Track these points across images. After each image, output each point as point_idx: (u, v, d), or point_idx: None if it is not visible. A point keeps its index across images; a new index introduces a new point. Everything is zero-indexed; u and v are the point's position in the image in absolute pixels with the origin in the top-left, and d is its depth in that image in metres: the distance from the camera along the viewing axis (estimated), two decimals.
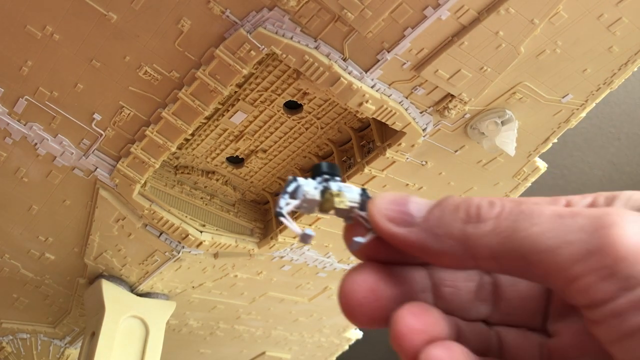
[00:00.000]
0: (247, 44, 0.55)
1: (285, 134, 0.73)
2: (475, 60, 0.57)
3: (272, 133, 0.73)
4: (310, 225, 0.79)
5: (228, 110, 0.69)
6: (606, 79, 0.65)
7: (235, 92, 0.66)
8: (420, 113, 0.64)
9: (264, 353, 1.17)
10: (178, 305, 0.92)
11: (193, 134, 0.73)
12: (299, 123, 0.72)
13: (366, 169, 0.69)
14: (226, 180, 0.82)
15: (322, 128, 0.73)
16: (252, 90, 0.66)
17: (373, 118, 0.63)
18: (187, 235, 0.76)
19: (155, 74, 0.59)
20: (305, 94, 0.67)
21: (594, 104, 0.68)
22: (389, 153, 0.67)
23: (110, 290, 0.84)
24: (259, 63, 0.61)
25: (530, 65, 0.60)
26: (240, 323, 1.05)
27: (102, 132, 0.65)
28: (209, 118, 0.70)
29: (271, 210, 0.83)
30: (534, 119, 0.68)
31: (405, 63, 0.58)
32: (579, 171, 1.47)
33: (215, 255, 0.83)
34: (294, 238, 0.81)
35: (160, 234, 0.78)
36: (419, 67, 0.58)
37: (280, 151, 0.76)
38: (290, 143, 0.75)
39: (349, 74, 0.58)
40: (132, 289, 0.88)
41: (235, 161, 0.80)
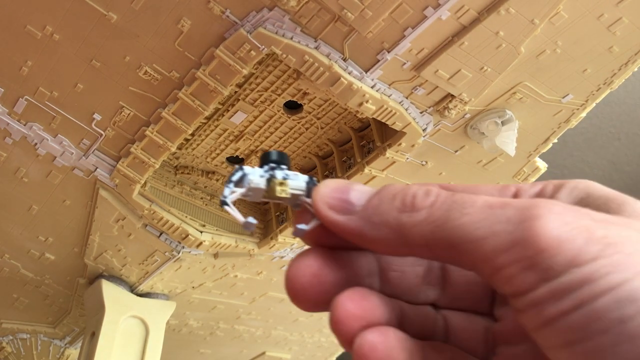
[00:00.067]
0: (247, 44, 0.55)
1: (285, 134, 0.73)
2: (476, 60, 0.57)
3: (272, 133, 0.73)
4: None
5: (228, 110, 0.69)
6: (606, 79, 0.65)
7: (235, 92, 0.66)
8: (421, 113, 0.64)
9: (264, 353, 1.17)
10: (178, 305, 0.92)
11: (193, 134, 0.73)
12: (299, 123, 0.72)
13: (366, 169, 0.69)
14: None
15: (322, 128, 0.73)
16: (252, 90, 0.66)
17: (373, 118, 0.63)
18: (187, 236, 0.76)
19: (155, 74, 0.59)
20: (305, 94, 0.67)
21: (594, 104, 0.68)
22: (389, 153, 0.67)
23: (110, 291, 0.84)
24: (259, 63, 0.61)
25: (530, 65, 0.60)
26: (240, 323, 1.05)
27: (102, 132, 0.65)
28: (209, 118, 0.70)
29: (271, 210, 0.83)
30: (534, 119, 0.68)
31: (405, 63, 0.58)
32: (579, 171, 1.47)
33: (215, 256, 0.83)
34: (294, 238, 0.81)
35: (160, 234, 0.78)
36: (419, 67, 0.58)
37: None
38: (291, 143, 0.75)
39: (349, 74, 0.58)
40: (132, 289, 0.88)
41: (236, 161, 0.80)
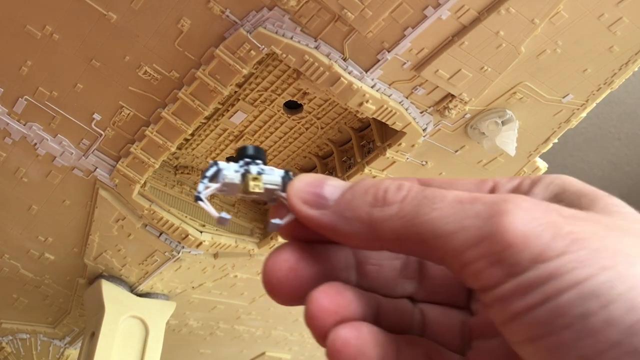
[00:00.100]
0: (247, 43, 0.55)
1: (285, 134, 0.73)
2: (476, 60, 0.57)
3: (272, 133, 0.73)
4: None
5: (228, 110, 0.69)
6: (607, 79, 0.65)
7: (235, 92, 0.66)
8: (421, 113, 0.64)
9: (264, 353, 1.17)
10: (178, 305, 0.92)
11: (193, 134, 0.73)
12: (299, 123, 0.72)
13: (366, 169, 0.69)
14: None
15: (322, 128, 0.73)
16: (252, 90, 0.66)
17: (373, 118, 0.63)
18: (187, 236, 0.76)
19: (155, 73, 0.59)
20: (305, 93, 0.67)
21: (594, 104, 0.68)
22: (389, 153, 0.67)
23: (110, 291, 0.84)
24: (259, 63, 0.61)
25: (530, 65, 0.60)
26: (240, 323, 1.05)
27: (102, 132, 0.65)
28: (208, 118, 0.70)
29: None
30: (535, 119, 0.68)
31: (405, 63, 0.57)
32: (579, 171, 1.47)
33: (215, 256, 0.83)
34: None
35: (160, 234, 0.77)
36: (419, 67, 0.58)
37: (280, 151, 0.76)
38: (291, 143, 0.75)
39: (349, 73, 0.58)
40: (132, 289, 0.88)
41: (236, 161, 0.79)
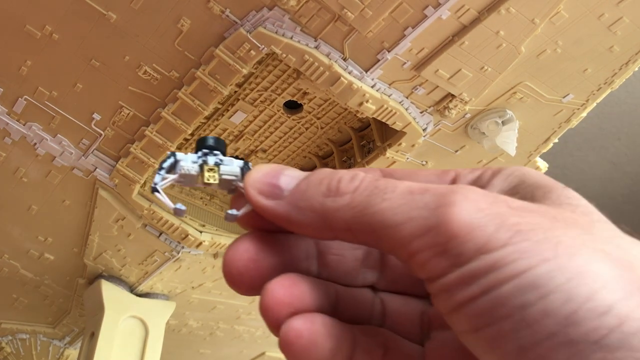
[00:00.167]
0: (247, 43, 0.55)
1: (285, 133, 0.73)
2: (476, 59, 0.57)
3: (272, 133, 0.73)
4: None
5: (228, 110, 0.68)
6: (607, 79, 0.64)
7: (235, 92, 0.66)
8: (421, 113, 0.64)
9: (263, 353, 1.17)
10: (178, 305, 0.92)
11: (193, 134, 0.73)
12: (299, 123, 0.72)
13: None
14: None
15: (322, 128, 0.73)
16: (252, 90, 0.66)
17: (373, 118, 0.63)
18: (187, 236, 0.76)
19: (155, 73, 0.59)
20: (305, 93, 0.66)
21: (594, 104, 0.68)
22: (389, 153, 0.67)
23: (109, 291, 0.84)
24: (259, 63, 0.61)
25: (531, 65, 0.60)
26: (240, 323, 1.05)
27: (102, 132, 0.65)
28: (208, 118, 0.70)
29: None
30: (535, 119, 0.68)
31: (405, 63, 0.57)
32: (579, 171, 1.47)
33: (215, 256, 0.83)
34: None
35: (160, 234, 0.77)
36: (420, 67, 0.58)
37: (280, 151, 0.76)
38: (290, 143, 0.75)
39: (349, 73, 0.57)
40: (132, 289, 0.88)
41: None
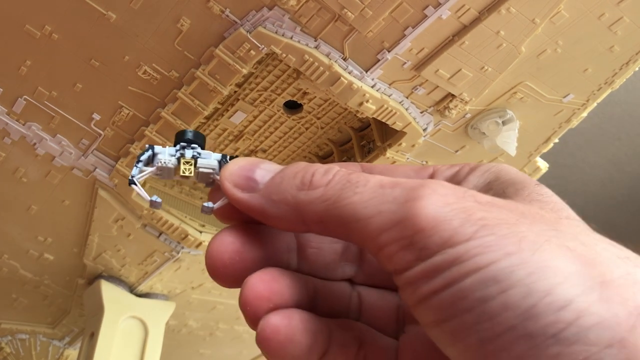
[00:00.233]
0: (247, 43, 0.55)
1: (285, 133, 0.73)
2: (476, 59, 0.57)
3: (272, 133, 0.73)
4: None
5: (228, 110, 0.68)
6: (607, 79, 0.64)
7: (235, 92, 0.66)
8: (421, 113, 0.64)
9: None
10: (177, 305, 0.92)
11: None
12: (298, 123, 0.72)
13: None
14: None
15: (322, 128, 0.73)
16: (252, 89, 0.66)
17: (373, 118, 0.63)
18: (187, 236, 0.76)
19: (155, 73, 0.59)
20: (305, 93, 0.66)
21: (595, 104, 0.67)
22: (390, 153, 0.67)
23: (109, 291, 0.84)
24: (259, 63, 0.61)
25: (531, 65, 0.60)
26: (240, 323, 1.04)
27: (101, 132, 0.65)
28: (208, 118, 0.70)
29: None
30: (535, 119, 0.68)
31: (405, 63, 0.57)
32: (579, 171, 1.47)
33: None
34: None
35: (160, 234, 0.77)
36: (420, 67, 0.58)
37: (280, 151, 0.76)
38: (290, 143, 0.75)
39: (349, 73, 0.57)
40: (132, 290, 0.88)
41: None
